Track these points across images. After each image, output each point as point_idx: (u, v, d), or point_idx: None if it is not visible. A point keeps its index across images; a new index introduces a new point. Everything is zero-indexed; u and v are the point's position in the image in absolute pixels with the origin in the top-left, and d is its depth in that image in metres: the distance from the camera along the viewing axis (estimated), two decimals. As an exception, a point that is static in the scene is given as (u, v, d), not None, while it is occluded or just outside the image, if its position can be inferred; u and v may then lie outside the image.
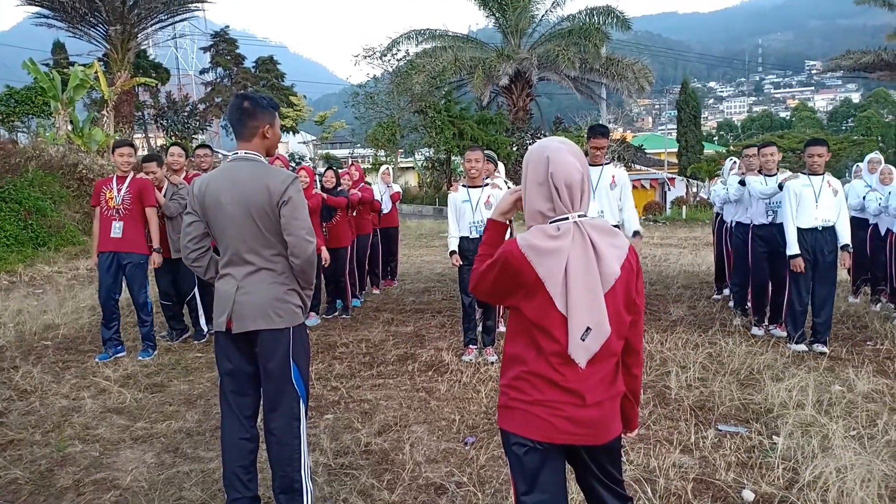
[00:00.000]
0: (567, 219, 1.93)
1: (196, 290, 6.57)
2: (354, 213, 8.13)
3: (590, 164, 5.85)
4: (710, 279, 9.78)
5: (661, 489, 3.34)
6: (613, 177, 5.99)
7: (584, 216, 1.97)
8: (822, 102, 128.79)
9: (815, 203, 5.81)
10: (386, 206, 9.39)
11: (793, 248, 5.82)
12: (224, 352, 2.97)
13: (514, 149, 27.77)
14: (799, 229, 5.84)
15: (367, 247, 8.66)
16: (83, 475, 3.66)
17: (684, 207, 26.10)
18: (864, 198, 7.73)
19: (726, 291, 8.18)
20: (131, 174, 6.02)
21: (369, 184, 9.13)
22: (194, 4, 28.42)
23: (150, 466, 3.76)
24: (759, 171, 6.60)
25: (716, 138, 71.61)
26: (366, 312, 7.88)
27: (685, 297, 8.46)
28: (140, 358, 5.96)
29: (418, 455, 3.83)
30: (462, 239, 5.82)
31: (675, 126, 39.82)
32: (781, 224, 6.03)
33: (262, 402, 3.03)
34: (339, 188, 7.71)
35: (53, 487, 3.53)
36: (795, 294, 5.97)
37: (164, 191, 6.30)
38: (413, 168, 39.64)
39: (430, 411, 4.56)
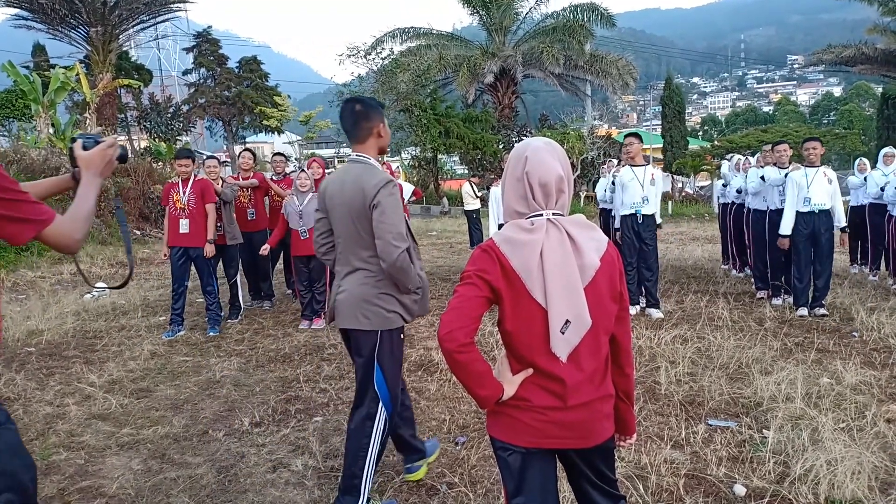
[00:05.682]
0: (541, 215, 1.93)
1: (238, 276, 7.54)
2: None
3: (631, 165, 7.02)
4: (698, 274, 9.93)
5: (652, 485, 3.34)
6: (653, 175, 7.07)
7: (561, 215, 1.96)
8: (804, 96, 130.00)
9: (807, 190, 6.80)
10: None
11: (786, 230, 6.89)
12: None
13: (501, 146, 27.76)
14: (799, 213, 6.85)
15: None
16: (68, 483, 3.60)
17: (670, 203, 26.17)
18: (881, 188, 8.62)
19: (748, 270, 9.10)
20: (193, 177, 6.76)
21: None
22: (176, 5, 28.21)
23: (136, 473, 3.70)
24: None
25: (700, 133, 71.93)
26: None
27: (673, 292, 8.48)
28: (209, 334, 6.85)
29: (409, 456, 3.80)
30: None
31: (659, 122, 39.86)
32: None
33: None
34: None
35: (38, 497, 3.45)
36: (796, 269, 7.03)
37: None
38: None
39: (420, 411, 4.53)
